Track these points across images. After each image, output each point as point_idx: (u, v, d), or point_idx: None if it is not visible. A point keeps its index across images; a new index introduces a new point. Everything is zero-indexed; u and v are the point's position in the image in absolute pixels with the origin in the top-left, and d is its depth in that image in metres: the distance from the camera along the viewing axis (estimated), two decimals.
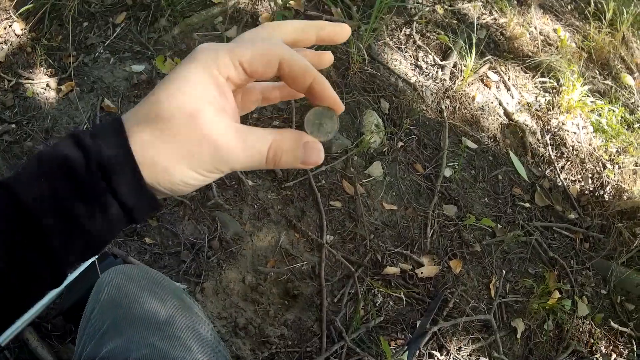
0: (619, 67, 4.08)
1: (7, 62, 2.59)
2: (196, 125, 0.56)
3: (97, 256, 1.95)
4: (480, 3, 3.77)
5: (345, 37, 0.70)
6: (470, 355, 2.46)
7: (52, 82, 2.55)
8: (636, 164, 3.42)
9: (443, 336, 2.42)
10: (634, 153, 3.45)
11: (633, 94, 4.01)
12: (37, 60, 2.59)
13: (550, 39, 3.92)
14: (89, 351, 1.16)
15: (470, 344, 2.46)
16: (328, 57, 0.71)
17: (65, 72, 2.59)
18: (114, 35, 2.72)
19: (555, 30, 4.04)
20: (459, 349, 2.44)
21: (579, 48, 3.99)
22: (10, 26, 2.70)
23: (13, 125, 2.39)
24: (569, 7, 4.37)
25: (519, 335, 2.57)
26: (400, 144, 2.81)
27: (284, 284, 2.32)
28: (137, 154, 0.56)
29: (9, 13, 2.74)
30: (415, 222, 2.65)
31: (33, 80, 2.55)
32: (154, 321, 1.20)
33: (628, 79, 4.15)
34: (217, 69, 0.58)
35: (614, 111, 3.57)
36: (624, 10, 4.19)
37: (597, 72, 4.03)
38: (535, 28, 3.89)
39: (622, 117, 3.59)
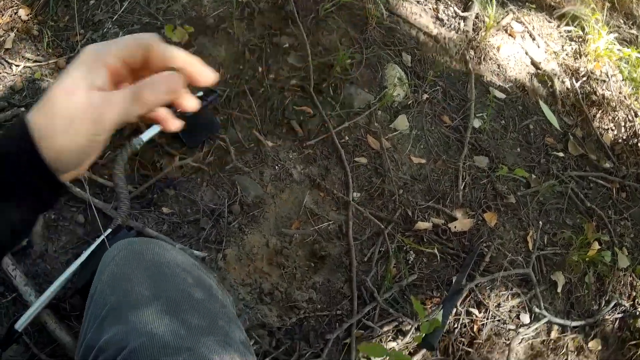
0: None
1: (15, 49, 2.42)
2: (73, 101, 0.65)
3: (109, 230, 1.80)
4: None
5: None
6: (510, 311, 2.25)
7: (61, 61, 2.38)
8: None
9: (481, 292, 2.21)
10: None
11: None
12: (45, 42, 2.41)
13: None
14: (89, 339, 1.06)
15: (510, 299, 2.25)
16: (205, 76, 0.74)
17: (73, 51, 2.41)
18: (122, 9, 2.52)
19: None
20: (498, 305, 2.23)
21: None
22: (15, 13, 2.53)
23: (22, 109, 2.22)
24: None
25: (559, 289, 2.35)
26: (425, 96, 2.57)
27: (310, 245, 2.11)
28: (35, 134, 0.64)
29: (14, 0, 2.56)
30: (446, 174, 2.42)
31: (41, 62, 2.37)
32: (156, 304, 1.07)
33: None
34: (94, 58, 0.68)
35: None
36: None
37: (622, 21, 3.75)
38: None
39: None
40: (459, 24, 2.90)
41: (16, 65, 2.36)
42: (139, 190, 2.04)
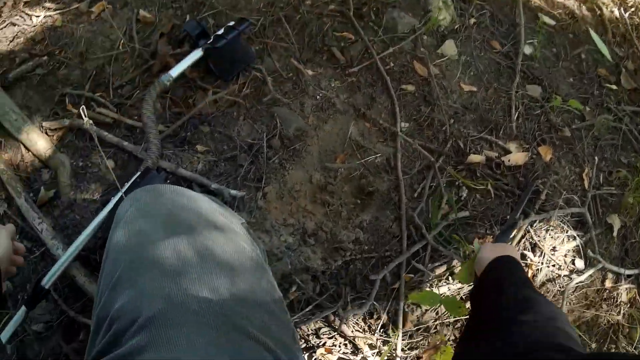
0: None
1: (34, 1, 2.23)
2: None
3: (138, 173, 1.67)
4: None
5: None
6: (565, 255, 2.07)
7: (83, 5, 2.20)
8: None
9: (536, 234, 2.03)
10: None
11: None
12: None
13: None
14: (102, 306, 0.96)
15: (565, 242, 2.07)
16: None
17: None
18: None
19: None
20: (554, 249, 2.05)
21: None
22: None
23: (45, 58, 2.06)
24: None
25: (615, 233, 2.17)
26: (472, 20, 2.37)
27: (356, 180, 1.94)
28: None
29: None
30: (498, 104, 2.22)
31: (63, 9, 2.19)
32: (172, 264, 0.95)
33: None
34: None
35: None
36: None
37: None
38: None
39: None
40: None
41: (36, 16, 2.18)
42: (171, 129, 1.88)
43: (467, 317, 1.50)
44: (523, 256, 2.01)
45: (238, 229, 1.12)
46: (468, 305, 1.87)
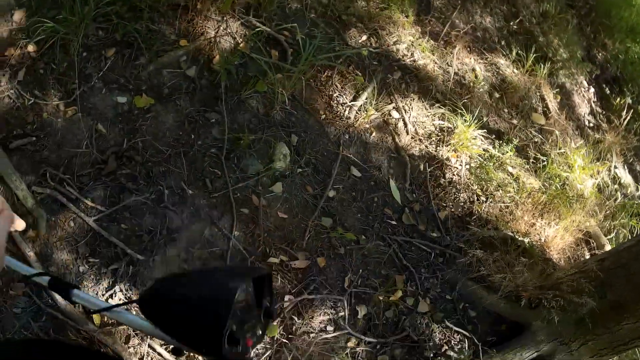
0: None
1: (25, 81, 3.80)
2: None
3: None
4: (405, 45, 5.18)
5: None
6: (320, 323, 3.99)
7: (61, 105, 3.77)
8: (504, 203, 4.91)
9: (304, 309, 3.94)
10: (506, 193, 4.96)
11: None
12: (49, 83, 3.80)
13: (465, 79, 5.35)
14: None
15: (322, 315, 3.99)
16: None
17: (70, 97, 3.82)
18: (106, 67, 4.01)
19: (473, 70, 5.46)
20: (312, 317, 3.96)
21: (492, 87, 5.52)
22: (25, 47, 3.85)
23: (34, 138, 3.64)
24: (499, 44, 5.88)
25: (360, 316, 4.12)
26: (299, 170, 4.30)
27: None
28: None
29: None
30: (299, 227, 4.14)
31: (47, 101, 3.75)
32: None
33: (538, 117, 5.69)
34: None
35: (497, 155, 5.09)
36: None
37: (506, 110, 5.53)
38: (453, 68, 5.32)
39: (511, 155, 5.13)
40: (345, 110, 4.62)
41: (28, 99, 3.74)
42: None
43: None
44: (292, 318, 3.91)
45: None
46: None
